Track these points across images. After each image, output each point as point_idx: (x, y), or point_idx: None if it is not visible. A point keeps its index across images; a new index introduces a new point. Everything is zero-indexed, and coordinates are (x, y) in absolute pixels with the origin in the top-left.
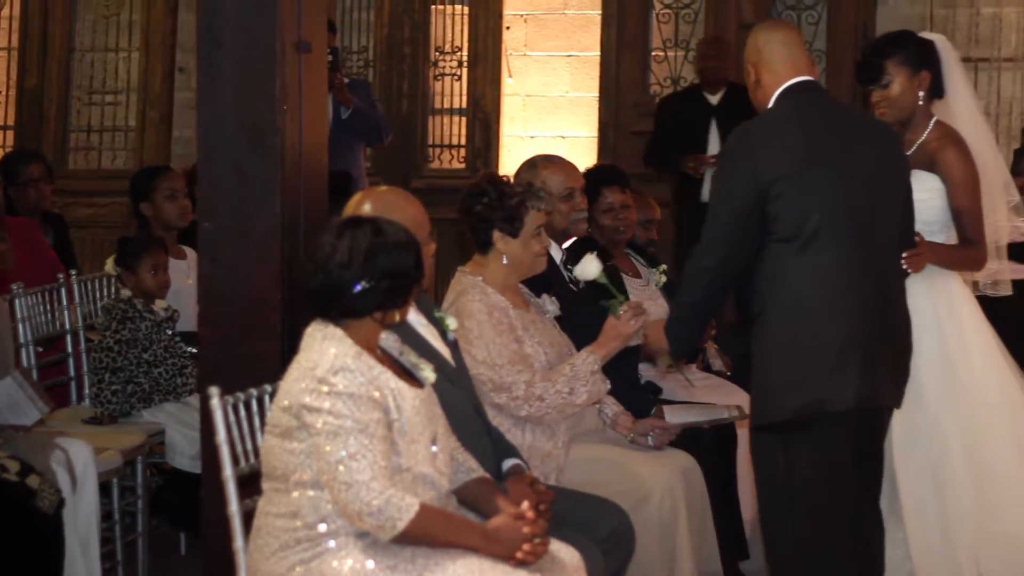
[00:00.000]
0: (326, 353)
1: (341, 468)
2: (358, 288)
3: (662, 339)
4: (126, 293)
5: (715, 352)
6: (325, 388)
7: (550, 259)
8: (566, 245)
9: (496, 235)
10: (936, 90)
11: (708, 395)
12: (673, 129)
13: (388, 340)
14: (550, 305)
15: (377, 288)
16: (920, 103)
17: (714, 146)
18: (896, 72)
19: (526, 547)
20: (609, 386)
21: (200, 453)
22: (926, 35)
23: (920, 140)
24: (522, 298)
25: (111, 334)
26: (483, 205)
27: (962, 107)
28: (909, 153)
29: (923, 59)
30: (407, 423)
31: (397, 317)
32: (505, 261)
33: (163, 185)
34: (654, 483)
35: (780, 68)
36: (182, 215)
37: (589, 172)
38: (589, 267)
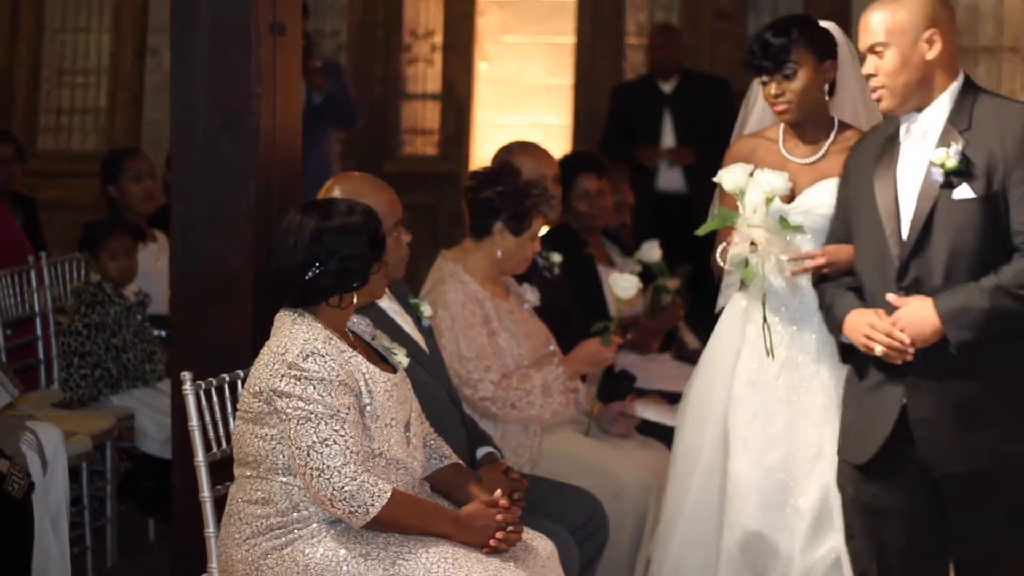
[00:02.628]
0: (296, 338)
1: (313, 454)
2: (308, 275)
3: (928, 322)
4: (95, 277)
5: (688, 332)
6: (296, 373)
7: None
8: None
9: (498, 227)
10: (830, 87)
11: (682, 385)
12: (627, 118)
13: (360, 324)
14: (531, 295)
15: (325, 272)
16: (825, 99)
17: (668, 135)
18: (802, 60)
19: (499, 535)
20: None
21: (170, 438)
22: (821, 23)
23: (828, 143)
24: (503, 287)
25: (80, 318)
26: (496, 193)
27: (851, 109)
28: (813, 160)
29: (828, 48)
30: (379, 407)
31: (355, 299)
32: (499, 255)
33: (129, 167)
34: (627, 478)
35: (954, 51)
36: (146, 197)
37: (566, 158)
38: (627, 287)
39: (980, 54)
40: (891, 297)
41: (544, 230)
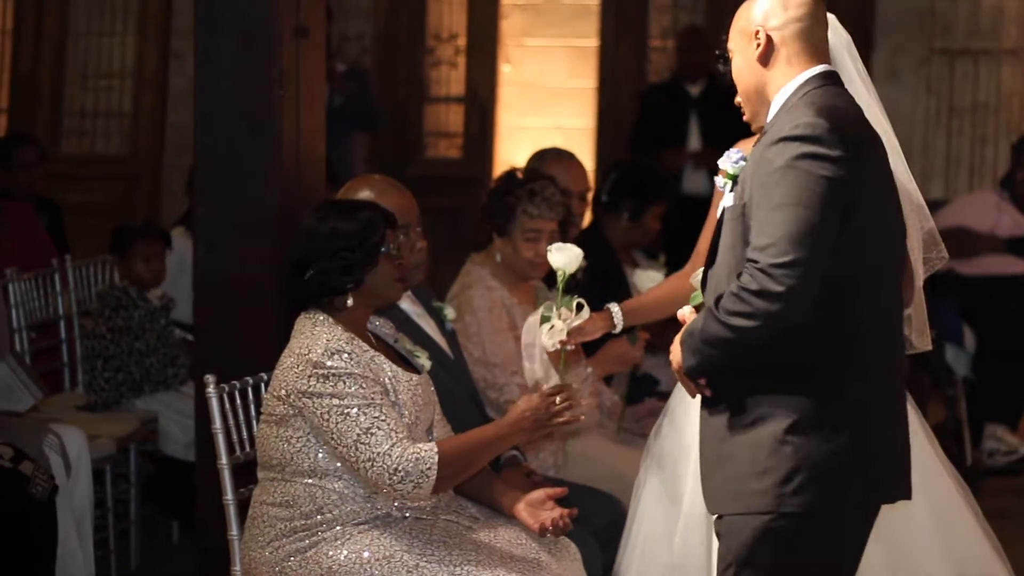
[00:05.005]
0: (319, 339)
1: (360, 447)
2: (306, 275)
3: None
4: (121, 281)
5: None
6: (322, 371)
7: None
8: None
9: (494, 231)
10: None
11: None
12: (654, 120)
13: (383, 328)
14: None
15: (317, 273)
16: None
17: (694, 138)
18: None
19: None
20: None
21: (193, 441)
22: None
23: None
24: (531, 293)
25: (103, 321)
26: (488, 197)
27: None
28: None
29: None
30: (405, 407)
31: (350, 301)
32: (499, 259)
33: None
34: None
35: (796, 51)
36: None
37: (639, 176)
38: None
39: (1004, 56)
40: (682, 313)
41: (553, 232)
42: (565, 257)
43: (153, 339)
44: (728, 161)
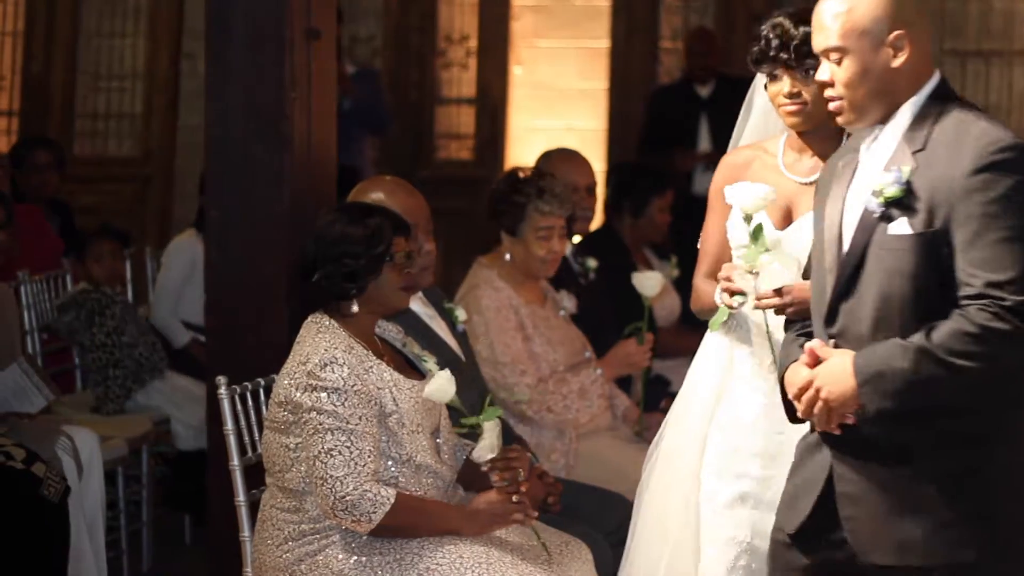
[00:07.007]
0: (318, 346)
1: (318, 464)
2: (313, 277)
3: (846, 383)
4: (85, 285)
5: None
6: (312, 382)
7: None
8: (576, 240)
9: (503, 232)
10: None
11: None
12: (664, 122)
13: (391, 331)
14: (567, 302)
15: (323, 276)
16: None
17: (704, 139)
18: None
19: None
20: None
21: (198, 428)
22: None
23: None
24: (538, 293)
25: (99, 329)
26: (494, 198)
27: None
28: (816, 178)
29: None
30: (405, 415)
31: (356, 307)
32: (508, 258)
33: None
34: None
35: (926, 53)
36: None
37: (634, 172)
38: (652, 285)
39: (1015, 57)
40: (810, 346)
41: (562, 229)
42: (438, 388)
43: (135, 330)
44: (891, 181)
